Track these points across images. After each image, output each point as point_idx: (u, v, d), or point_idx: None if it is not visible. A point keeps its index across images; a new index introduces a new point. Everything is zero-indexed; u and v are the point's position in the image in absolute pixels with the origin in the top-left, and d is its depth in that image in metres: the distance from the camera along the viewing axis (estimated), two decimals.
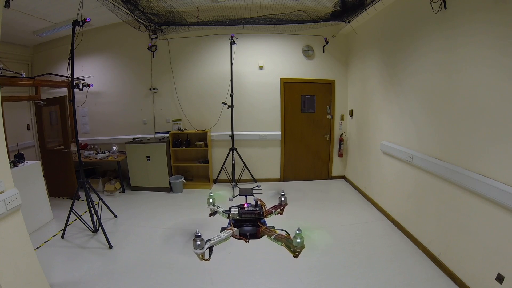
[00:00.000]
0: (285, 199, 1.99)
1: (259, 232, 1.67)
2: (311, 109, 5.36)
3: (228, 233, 1.62)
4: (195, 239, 1.45)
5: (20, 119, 5.41)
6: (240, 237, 1.68)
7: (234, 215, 1.75)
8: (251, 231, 1.70)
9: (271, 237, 1.61)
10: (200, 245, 1.45)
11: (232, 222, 1.74)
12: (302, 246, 1.51)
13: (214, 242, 1.54)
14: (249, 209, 1.76)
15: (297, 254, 1.53)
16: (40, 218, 3.65)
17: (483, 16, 2.12)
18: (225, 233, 1.62)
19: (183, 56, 5.15)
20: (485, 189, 2.08)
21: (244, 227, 1.72)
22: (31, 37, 4.93)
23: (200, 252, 1.44)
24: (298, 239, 1.49)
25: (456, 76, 2.41)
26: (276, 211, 1.93)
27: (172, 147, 5.07)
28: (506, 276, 1.92)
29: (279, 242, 1.59)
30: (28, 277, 2.06)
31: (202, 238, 1.46)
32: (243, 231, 1.70)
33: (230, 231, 1.63)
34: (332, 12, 3.79)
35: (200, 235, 1.46)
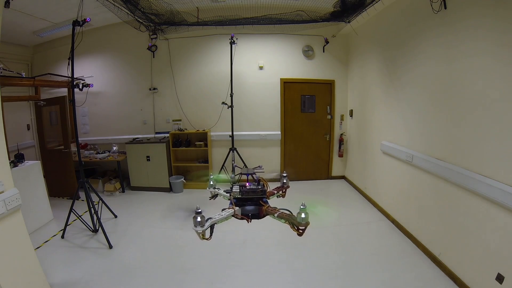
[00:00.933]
0: (287, 181, 1.91)
1: (261, 211, 1.60)
2: (311, 109, 5.36)
3: (229, 212, 1.55)
4: (196, 216, 1.36)
5: (20, 119, 5.40)
6: (242, 216, 1.60)
7: (235, 194, 1.68)
8: (253, 210, 1.63)
9: (274, 216, 1.54)
10: (200, 222, 1.36)
11: (234, 201, 1.67)
12: (306, 222, 1.41)
13: (215, 220, 1.47)
14: (251, 187, 1.70)
15: (302, 232, 1.44)
16: (40, 218, 3.65)
17: (484, 16, 2.11)
18: (226, 211, 1.55)
19: (183, 56, 5.15)
20: (485, 189, 2.08)
21: (246, 206, 1.65)
22: (31, 37, 4.93)
23: (201, 230, 1.36)
24: (303, 214, 1.40)
25: (457, 76, 2.41)
26: (278, 192, 1.86)
27: (172, 147, 5.07)
28: (506, 276, 1.92)
29: (283, 220, 1.52)
30: (28, 277, 2.06)
31: (203, 215, 1.38)
32: (245, 210, 1.63)
33: (232, 210, 1.57)
34: (332, 12, 3.79)
35: (201, 212, 1.38)
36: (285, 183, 1.91)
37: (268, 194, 1.71)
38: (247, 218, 1.59)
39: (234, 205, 1.62)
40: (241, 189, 1.67)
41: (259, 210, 1.61)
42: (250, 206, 1.64)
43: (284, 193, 1.89)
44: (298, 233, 1.43)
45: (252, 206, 1.64)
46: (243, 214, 1.60)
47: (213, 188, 2.10)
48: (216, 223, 1.47)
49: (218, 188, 2.05)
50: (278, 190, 1.86)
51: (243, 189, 1.67)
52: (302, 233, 1.42)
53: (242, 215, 1.60)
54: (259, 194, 1.67)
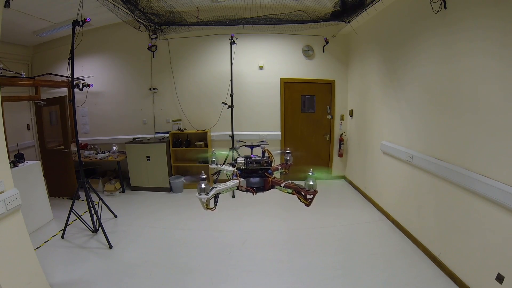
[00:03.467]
0: (291, 158, 1.85)
1: (267, 183, 1.56)
2: (311, 109, 5.36)
3: (234, 182, 1.51)
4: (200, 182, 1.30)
5: (20, 119, 5.40)
6: (247, 188, 1.54)
7: (240, 165, 1.62)
8: (258, 183, 1.58)
9: (280, 186, 1.51)
10: (205, 189, 1.31)
11: (238, 172, 1.61)
12: (315, 189, 1.38)
13: (220, 190, 1.43)
14: (257, 159, 1.64)
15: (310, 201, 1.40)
16: (40, 218, 3.65)
17: (483, 16, 2.11)
18: (231, 182, 1.51)
19: (183, 56, 5.15)
20: (485, 189, 2.08)
21: (251, 178, 1.60)
22: (31, 37, 4.93)
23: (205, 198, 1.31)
24: (311, 181, 1.36)
25: (457, 76, 2.41)
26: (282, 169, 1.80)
27: (172, 147, 5.06)
28: (506, 276, 1.92)
29: (290, 190, 1.49)
30: (28, 277, 2.06)
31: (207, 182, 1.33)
32: (250, 182, 1.58)
33: (237, 181, 1.53)
34: (332, 12, 3.79)
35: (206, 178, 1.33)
36: (288, 160, 1.84)
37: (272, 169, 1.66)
38: (253, 191, 1.54)
39: (239, 176, 1.57)
40: (246, 160, 1.60)
41: (265, 183, 1.56)
42: (255, 178, 1.59)
43: (288, 169, 1.83)
44: (306, 203, 1.40)
45: (257, 178, 1.59)
46: (248, 186, 1.55)
47: (215, 165, 1.97)
48: (221, 192, 1.42)
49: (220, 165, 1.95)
50: (282, 167, 1.80)
51: (248, 160, 1.61)
52: (311, 202, 1.38)
53: (247, 187, 1.55)
54: (264, 166, 1.61)
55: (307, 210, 4.29)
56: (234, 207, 4.28)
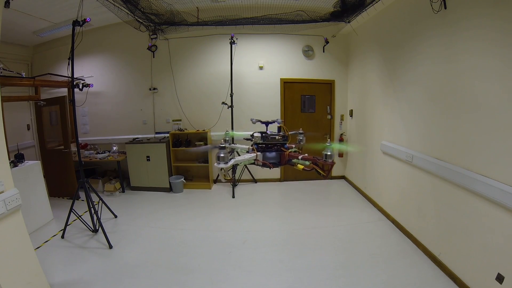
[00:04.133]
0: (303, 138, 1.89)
1: (284, 157, 1.59)
2: (311, 109, 5.36)
3: (252, 155, 1.55)
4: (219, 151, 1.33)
5: (20, 119, 5.41)
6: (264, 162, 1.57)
7: (257, 139, 1.65)
8: (274, 157, 1.61)
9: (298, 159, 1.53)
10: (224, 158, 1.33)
11: (255, 147, 1.65)
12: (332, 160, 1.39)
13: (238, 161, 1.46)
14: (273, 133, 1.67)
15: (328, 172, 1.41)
16: (40, 218, 3.65)
17: (484, 17, 2.11)
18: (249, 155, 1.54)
19: (183, 56, 5.15)
20: (485, 189, 2.08)
21: (267, 153, 1.63)
22: (31, 37, 4.93)
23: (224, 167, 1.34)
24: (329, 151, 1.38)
25: (457, 76, 2.41)
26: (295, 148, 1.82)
27: (172, 147, 5.07)
28: (506, 276, 1.92)
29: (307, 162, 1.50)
30: (28, 277, 2.06)
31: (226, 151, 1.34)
32: (266, 157, 1.62)
33: (254, 154, 1.56)
34: (332, 12, 3.79)
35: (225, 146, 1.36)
36: (301, 140, 1.87)
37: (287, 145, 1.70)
38: (270, 165, 1.57)
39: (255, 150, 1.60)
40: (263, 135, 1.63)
41: (281, 157, 1.59)
42: (271, 153, 1.63)
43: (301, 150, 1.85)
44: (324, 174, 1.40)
45: (273, 153, 1.62)
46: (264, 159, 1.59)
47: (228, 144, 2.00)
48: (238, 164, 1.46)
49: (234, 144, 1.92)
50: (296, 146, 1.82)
51: (265, 135, 1.63)
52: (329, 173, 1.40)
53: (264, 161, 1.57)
54: (280, 140, 1.64)
55: (307, 210, 4.30)
56: (234, 207, 4.28)
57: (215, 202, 4.50)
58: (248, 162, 1.52)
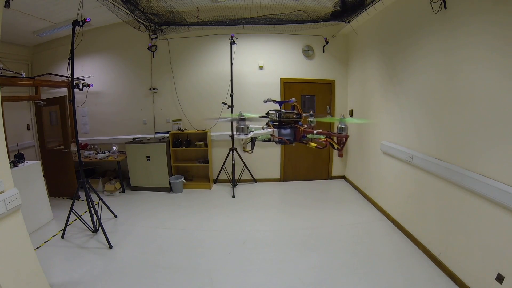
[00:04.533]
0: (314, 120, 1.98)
1: (299, 133, 1.68)
2: (311, 109, 5.35)
3: (269, 130, 1.63)
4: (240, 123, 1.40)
5: (20, 119, 5.41)
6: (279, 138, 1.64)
7: (272, 116, 1.72)
8: (289, 133, 1.70)
9: (313, 134, 1.63)
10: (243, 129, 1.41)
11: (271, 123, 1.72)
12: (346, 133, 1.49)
13: (256, 134, 1.54)
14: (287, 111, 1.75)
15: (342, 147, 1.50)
16: (40, 218, 3.65)
17: (483, 16, 2.11)
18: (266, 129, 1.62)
19: (183, 56, 5.15)
20: (485, 189, 2.08)
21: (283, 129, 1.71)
22: (31, 37, 4.93)
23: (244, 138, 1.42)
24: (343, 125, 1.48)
25: (456, 76, 2.41)
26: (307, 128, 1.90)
27: (172, 147, 5.06)
28: (506, 276, 1.92)
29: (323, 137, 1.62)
30: (28, 277, 2.06)
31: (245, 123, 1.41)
32: (281, 133, 1.69)
33: (271, 129, 1.64)
34: (332, 12, 3.79)
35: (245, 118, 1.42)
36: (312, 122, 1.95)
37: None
38: (286, 141, 1.64)
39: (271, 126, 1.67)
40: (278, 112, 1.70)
41: (296, 133, 1.68)
42: (286, 129, 1.70)
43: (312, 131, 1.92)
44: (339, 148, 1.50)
45: (288, 130, 1.70)
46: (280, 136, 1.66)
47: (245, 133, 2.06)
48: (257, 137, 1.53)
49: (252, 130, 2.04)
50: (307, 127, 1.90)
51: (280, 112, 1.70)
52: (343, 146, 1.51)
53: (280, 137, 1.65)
54: (295, 117, 1.72)
55: (307, 210, 4.29)
56: (234, 207, 4.28)
57: (215, 202, 4.50)
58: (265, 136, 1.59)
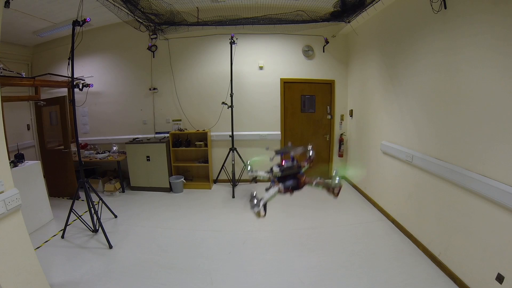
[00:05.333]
0: (313, 153, 2.17)
1: (301, 183, 1.88)
2: (311, 109, 5.36)
3: (275, 189, 1.78)
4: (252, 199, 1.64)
5: (20, 119, 5.41)
6: (285, 190, 1.83)
7: (276, 173, 1.90)
8: (293, 184, 1.88)
9: (312, 184, 1.85)
10: (256, 203, 1.63)
11: (276, 179, 1.89)
12: (340, 184, 1.76)
13: (266, 199, 1.71)
14: (288, 165, 1.93)
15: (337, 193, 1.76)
16: (40, 218, 3.65)
17: (483, 16, 2.11)
18: (273, 190, 1.78)
19: (183, 56, 5.15)
20: (485, 189, 2.08)
21: (286, 182, 1.88)
22: (31, 37, 4.93)
23: (258, 210, 1.63)
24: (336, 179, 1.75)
25: (457, 76, 2.41)
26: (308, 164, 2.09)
27: (172, 147, 5.06)
28: (506, 276, 1.92)
29: (321, 186, 1.83)
30: (28, 277, 2.06)
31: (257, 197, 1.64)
32: (286, 185, 1.86)
33: (277, 187, 1.80)
34: (332, 12, 3.79)
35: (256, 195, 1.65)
36: (311, 155, 2.16)
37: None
38: (290, 191, 1.84)
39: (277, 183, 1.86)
40: (281, 168, 1.91)
41: (298, 183, 1.88)
42: (290, 180, 1.89)
43: (311, 164, 2.13)
44: (335, 195, 1.76)
45: (291, 181, 1.89)
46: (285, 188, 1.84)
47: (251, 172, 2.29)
48: (267, 201, 1.71)
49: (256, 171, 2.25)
50: (307, 162, 2.10)
51: (282, 168, 1.91)
52: (338, 194, 1.76)
53: (285, 189, 1.83)
54: (296, 170, 1.93)
55: (307, 210, 4.29)
56: (234, 207, 4.28)
57: (215, 202, 4.50)
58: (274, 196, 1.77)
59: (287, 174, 1.90)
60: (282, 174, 1.89)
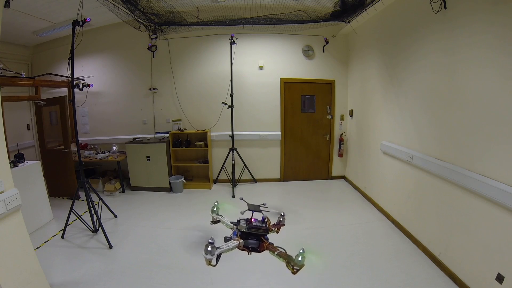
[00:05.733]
0: (284, 219, 2.14)
1: (262, 247, 1.81)
2: (311, 109, 5.36)
3: (235, 244, 1.76)
4: (208, 245, 1.58)
5: (20, 119, 5.41)
6: (243, 248, 1.79)
7: (242, 228, 1.87)
8: (255, 244, 1.82)
9: (273, 253, 1.74)
10: (211, 251, 1.58)
11: (239, 233, 1.86)
12: (302, 264, 1.61)
13: (222, 250, 1.67)
14: (256, 224, 1.87)
15: (296, 271, 1.62)
16: (40, 218, 3.65)
17: (483, 16, 2.12)
18: (232, 243, 1.76)
19: (183, 56, 5.15)
20: (485, 189, 2.08)
21: (249, 240, 1.84)
22: (31, 37, 4.93)
23: (210, 258, 1.58)
24: (300, 258, 1.59)
25: (456, 76, 2.41)
26: (275, 229, 2.07)
27: (172, 147, 5.06)
28: (506, 276, 1.92)
29: (281, 259, 1.71)
30: (28, 277, 2.06)
31: (214, 246, 1.59)
32: (247, 243, 1.82)
33: (237, 242, 1.77)
34: (332, 12, 3.79)
35: (213, 243, 1.59)
36: (281, 221, 2.14)
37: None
38: (249, 251, 1.80)
39: (239, 237, 1.83)
40: (248, 225, 1.85)
41: (261, 246, 1.82)
42: (253, 240, 1.84)
43: (278, 230, 2.12)
44: (293, 272, 1.62)
45: (254, 240, 1.84)
46: (245, 246, 1.81)
47: (216, 215, 2.32)
48: (222, 252, 1.68)
49: (221, 215, 2.27)
50: (275, 227, 2.07)
51: (250, 225, 1.85)
52: (296, 272, 1.61)
53: (244, 247, 1.80)
54: (262, 232, 1.87)
55: (307, 210, 4.28)
56: (234, 207, 4.28)
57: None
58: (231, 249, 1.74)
59: (252, 233, 1.86)
60: (247, 230, 1.85)
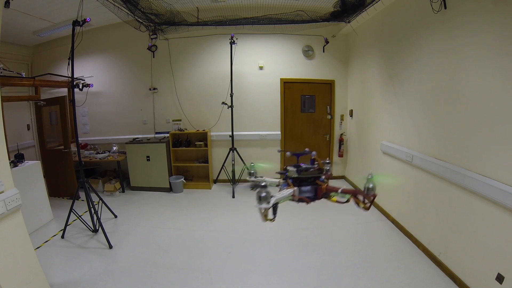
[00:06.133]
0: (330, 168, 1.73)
1: (320, 191, 1.47)
2: (311, 109, 5.36)
3: (290, 191, 1.41)
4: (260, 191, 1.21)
5: (20, 119, 5.41)
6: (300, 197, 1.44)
7: (292, 173, 1.51)
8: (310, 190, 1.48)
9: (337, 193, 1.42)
10: (266, 197, 1.22)
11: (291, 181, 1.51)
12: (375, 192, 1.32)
13: (278, 199, 1.33)
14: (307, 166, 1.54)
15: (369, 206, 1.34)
16: (40, 218, 3.65)
17: (483, 16, 2.11)
18: (286, 191, 1.42)
19: (183, 56, 5.15)
20: (485, 189, 2.08)
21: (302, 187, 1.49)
22: (31, 37, 4.93)
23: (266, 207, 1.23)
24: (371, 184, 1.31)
25: (457, 76, 2.41)
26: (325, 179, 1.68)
27: (172, 147, 5.06)
28: (506, 276, 1.92)
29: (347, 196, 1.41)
30: (28, 277, 2.06)
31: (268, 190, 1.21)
32: (301, 191, 1.47)
33: (292, 189, 1.43)
34: (332, 12, 3.79)
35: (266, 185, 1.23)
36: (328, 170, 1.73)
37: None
38: (307, 200, 1.45)
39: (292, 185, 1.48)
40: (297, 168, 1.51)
41: (317, 190, 1.49)
42: (307, 186, 1.50)
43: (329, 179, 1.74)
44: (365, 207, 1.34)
45: (308, 187, 1.50)
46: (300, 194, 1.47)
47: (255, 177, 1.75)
48: (279, 202, 1.34)
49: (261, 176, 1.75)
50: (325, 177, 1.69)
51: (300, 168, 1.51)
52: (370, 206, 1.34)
53: (300, 197, 1.46)
54: (316, 173, 1.53)
55: (307, 210, 4.28)
56: (234, 207, 4.28)
57: (215, 202, 4.50)
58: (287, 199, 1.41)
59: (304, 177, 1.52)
60: (299, 175, 1.50)
